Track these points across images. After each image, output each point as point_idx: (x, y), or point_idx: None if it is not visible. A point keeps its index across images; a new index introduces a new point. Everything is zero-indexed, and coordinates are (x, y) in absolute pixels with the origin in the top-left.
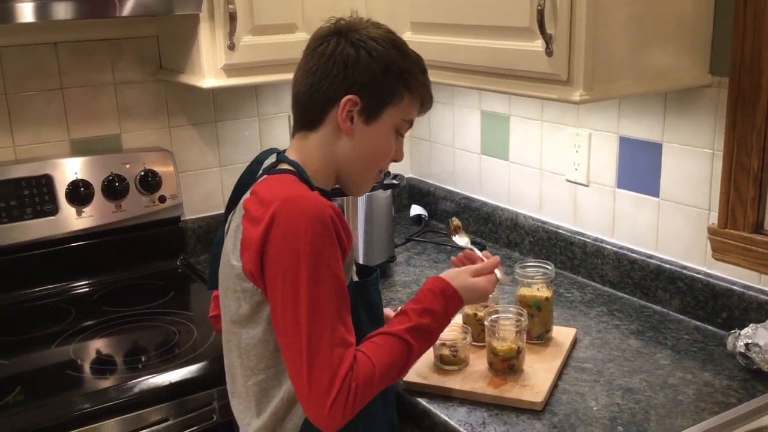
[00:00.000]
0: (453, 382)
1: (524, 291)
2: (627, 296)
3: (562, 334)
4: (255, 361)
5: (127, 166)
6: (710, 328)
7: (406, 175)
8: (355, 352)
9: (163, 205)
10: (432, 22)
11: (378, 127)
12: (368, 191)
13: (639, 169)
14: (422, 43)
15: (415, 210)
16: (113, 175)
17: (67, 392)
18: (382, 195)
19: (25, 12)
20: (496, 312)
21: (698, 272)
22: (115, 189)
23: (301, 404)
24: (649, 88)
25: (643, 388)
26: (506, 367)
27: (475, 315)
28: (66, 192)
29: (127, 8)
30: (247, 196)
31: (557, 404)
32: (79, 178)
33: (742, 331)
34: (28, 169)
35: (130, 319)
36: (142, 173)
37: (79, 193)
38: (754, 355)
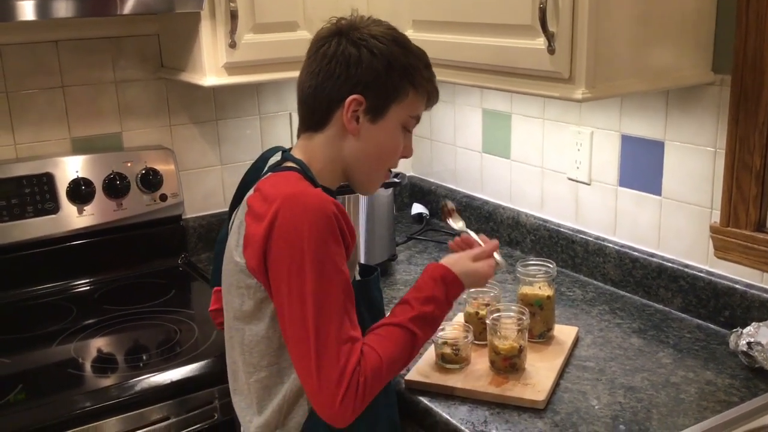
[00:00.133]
0: (455, 381)
1: (526, 289)
2: (629, 295)
3: (564, 333)
4: (257, 358)
5: (128, 165)
6: (712, 326)
7: (408, 174)
8: (362, 346)
9: (164, 204)
10: (433, 20)
11: (384, 125)
12: (377, 190)
13: (641, 167)
14: (424, 41)
15: (417, 208)
16: (114, 173)
17: (69, 391)
18: (384, 193)
19: (26, 10)
20: (498, 310)
21: (700, 271)
22: (116, 187)
23: (311, 401)
24: (652, 86)
25: (645, 387)
26: (508, 366)
27: (477, 313)
28: (67, 190)
29: (128, 6)
30: (251, 192)
31: (559, 403)
32: (80, 176)
33: (744, 330)
34: (29, 168)
35: (131, 317)
36: (143, 171)
37: (80, 192)
38: (756, 353)
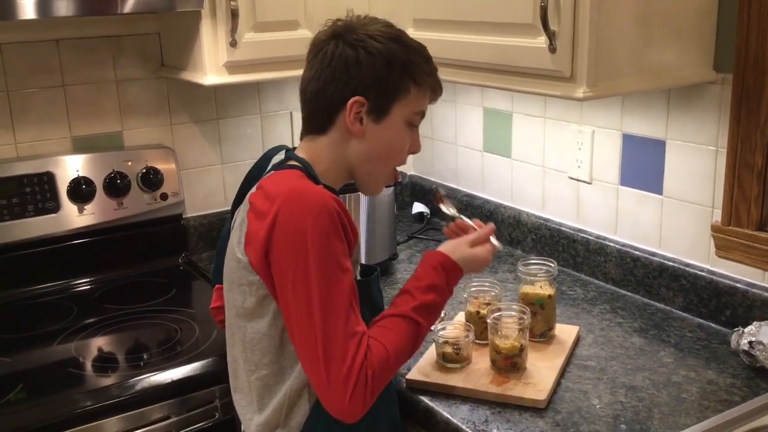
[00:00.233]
0: (456, 380)
1: (527, 289)
2: (630, 294)
3: (565, 332)
4: (259, 356)
5: (129, 164)
6: (714, 325)
7: (409, 173)
8: (368, 340)
9: (164, 203)
10: (434, 19)
11: (388, 124)
12: (383, 189)
13: (642, 166)
14: (424, 40)
15: (418, 208)
16: (115, 172)
17: (69, 390)
18: (385, 193)
19: (26, 9)
20: (499, 310)
21: (702, 270)
22: (116, 186)
23: (320, 398)
24: (653, 85)
25: (647, 386)
26: (509, 365)
27: (478, 313)
28: (68, 189)
29: (129, 5)
30: (253, 190)
31: (560, 402)
32: (80, 175)
33: (746, 329)
34: (30, 167)
35: (132, 316)
36: (144, 171)
37: (80, 191)
38: (757, 352)
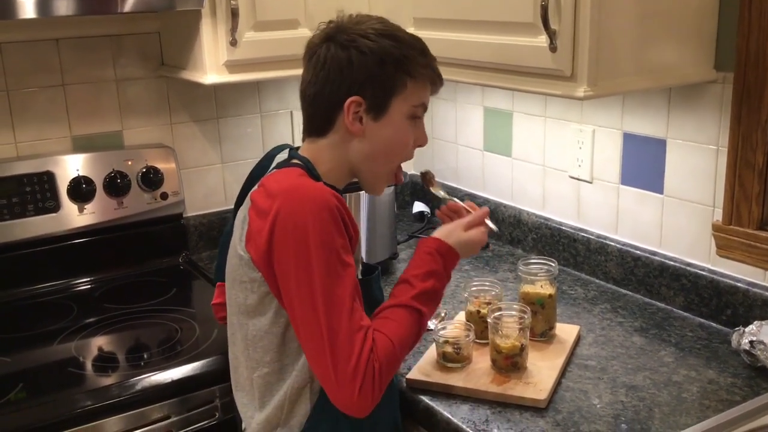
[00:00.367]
0: (456, 380)
1: (527, 288)
2: (631, 293)
3: (566, 332)
4: (261, 354)
5: (129, 163)
6: (714, 325)
7: (409, 172)
8: (372, 333)
9: (165, 202)
10: (435, 18)
11: (389, 120)
12: (384, 189)
13: (643, 165)
14: (425, 39)
15: (418, 207)
16: (115, 171)
17: (69, 389)
18: (385, 192)
19: (26, 8)
20: (500, 309)
21: (702, 269)
22: (116, 186)
23: (329, 395)
24: (654, 84)
25: (647, 386)
26: (509, 365)
27: (478, 312)
28: (68, 189)
29: (129, 4)
30: (255, 188)
31: (561, 402)
32: (80, 174)
33: (747, 329)
34: (30, 166)
35: (132, 316)
36: (144, 170)
37: (80, 190)
38: (758, 352)
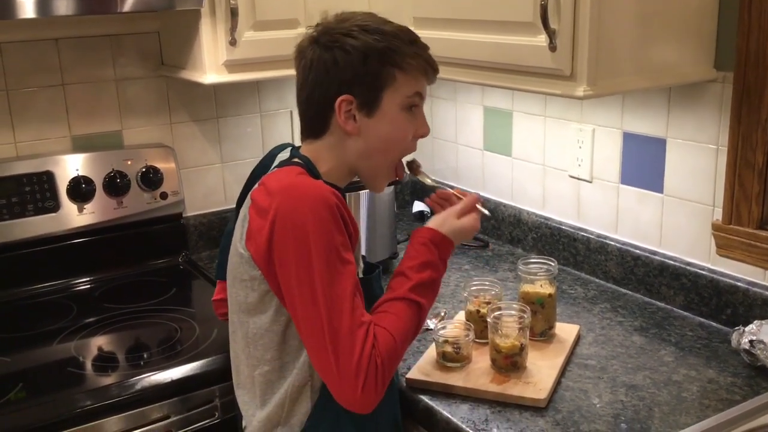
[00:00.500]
0: (456, 379)
1: (527, 287)
2: (630, 293)
3: (566, 331)
4: (261, 351)
5: (129, 163)
6: (714, 324)
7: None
8: (373, 329)
9: (164, 202)
10: (435, 17)
11: (383, 115)
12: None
13: (643, 164)
14: (425, 39)
15: (418, 206)
16: (114, 171)
17: (69, 389)
18: (385, 191)
19: (26, 8)
20: (499, 309)
21: (702, 268)
22: (116, 185)
23: (333, 393)
24: (653, 84)
25: (647, 385)
26: (509, 364)
27: (478, 312)
28: (67, 188)
29: (129, 4)
30: (256, 187)
31: (560, 401)
32: (80, 174)
33: (747, 328)
34: (30, 166)
35: (132, 316)
36: (144, 170)
37: (80, 190)
38: (758, 351)
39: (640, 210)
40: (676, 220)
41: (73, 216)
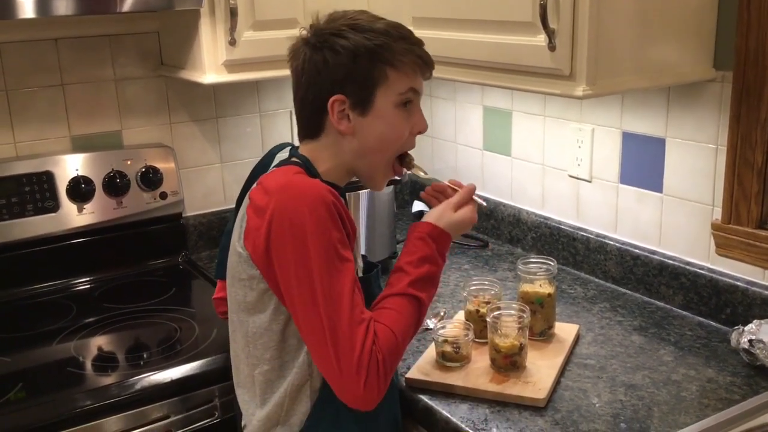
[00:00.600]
0: (455, 379)
1: (527, 287)
2: (630, 292)
3: (565, 331)
4: (261, 350)
5: (128, 163)
6: (714, 324)
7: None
8: (374, 325)
9: (164, 202)
10: (434, 17)
11: (377, 113)
12: (384, 184)
13: (642, 164)
14: (424, 39)
15: (417, 206)
16: (114, 171)
17: (69, 389)
18: (384, 191)
19: (25, 8)
20: (499, 308)
21: (702, 268)
22: (116, 185)
23: (335, 391)
24: (653, 83)
25: (646, 385)
26: (508, 364)
27: (478, 311)
28: (67, 188)
29: (128, 4)
30: (254, 186)
31: (560, 401)
32: (79, 174)
33: (746, 327)
34: (29, 166)
35: (132, 315)
36: (143, 170)
37: (80, 190)
38: (757, 351)
39: (640, 209)
40: (675, 219)
41: (73, 216)
